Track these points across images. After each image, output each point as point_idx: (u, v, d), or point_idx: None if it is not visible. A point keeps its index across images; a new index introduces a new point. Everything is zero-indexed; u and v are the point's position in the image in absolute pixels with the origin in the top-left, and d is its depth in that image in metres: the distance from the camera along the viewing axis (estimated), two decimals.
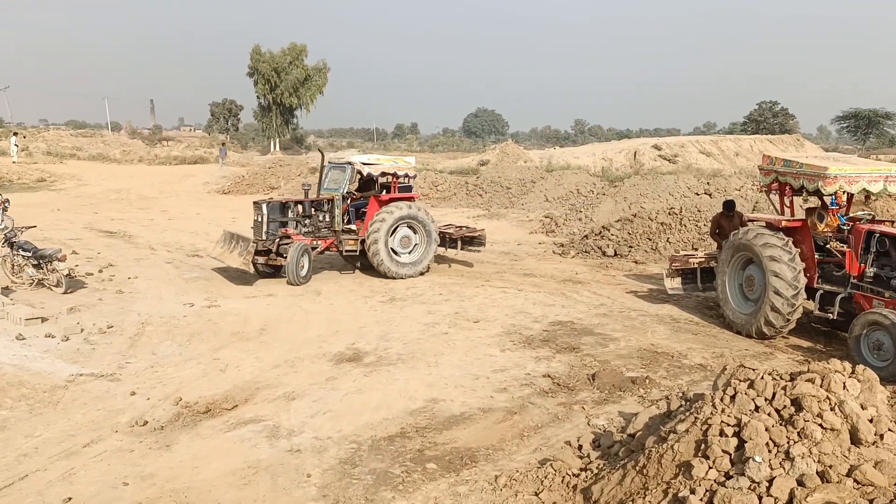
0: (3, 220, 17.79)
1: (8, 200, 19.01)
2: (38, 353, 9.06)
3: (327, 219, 14.41)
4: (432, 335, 10.20)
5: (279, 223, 13.87)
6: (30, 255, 12.44)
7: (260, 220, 13.70)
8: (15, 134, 43.06)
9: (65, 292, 12.09)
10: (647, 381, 8.19)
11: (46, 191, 30.76)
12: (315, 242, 14.01)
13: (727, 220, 12.33)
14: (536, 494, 5.51)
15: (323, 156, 14.79)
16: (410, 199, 14.67)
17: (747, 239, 10.23)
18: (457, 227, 16.28)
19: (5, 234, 13.28)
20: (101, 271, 14.04)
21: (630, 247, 16.42)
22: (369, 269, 14.44)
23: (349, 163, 14.43)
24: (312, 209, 14.40)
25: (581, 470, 5.69)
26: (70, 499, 5.55)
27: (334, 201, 14.26)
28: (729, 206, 12.69)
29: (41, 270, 12.39)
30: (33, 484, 5.80)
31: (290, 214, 14.12)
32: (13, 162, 37.44)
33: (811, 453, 4.49)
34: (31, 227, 14.37)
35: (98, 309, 11.23)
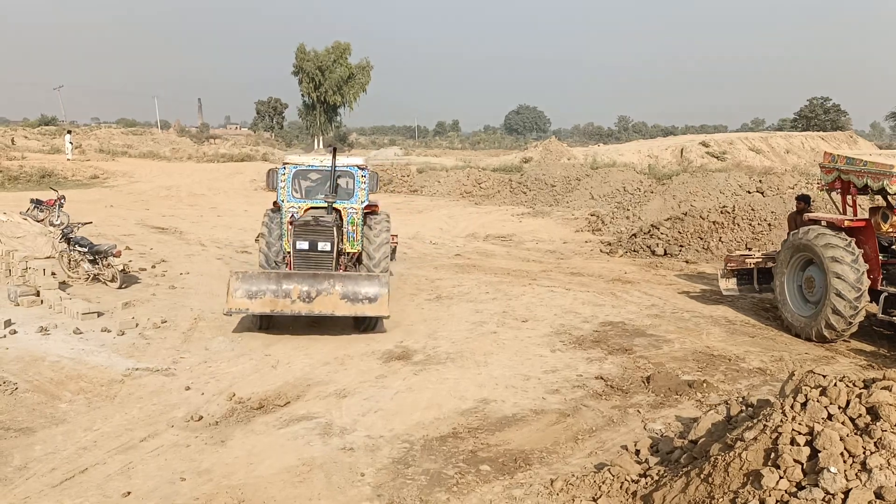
0: (59, 217, 18.29)
1: (64, 197, 19.54)
2: (94, 347, 9.24)
3: None
4: (481, 334, 10.12)
5: None
6: (86, 250, 12.71)
7: (330, 248, 10.22)
8: (69, 132, 44.26)
9: (119, 287, 12.34)
10: (705, 384, 7.97)
11: (100, 187, 31.50)
12: None
13: (802, 217, 11.33)
14: (594, 500, 5.39)
15: (335, 155, 10.78)
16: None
17: (808, 239, 9.90)
18: None
19: (62, 230, 13.61)
20: (154, 267, 14.29)
21: (681, 246, 16.10)
22: None
23: (359, 166, 11.23)
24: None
25: (640, 476, 5.55)
26: (129, 493, 5.61)
27: (342, 216, 10.99)
28: (806, 199, 11.80)
29: (97, 266, 12.65)
30: (93, 477, 5.88)
31: (337, 235, 10.61)
32: (68, 159, 38.46)
33: (889, 465, 4.28)
34: (86, 224, 14.70)
35: (152, 304, 11.43)
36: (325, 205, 10.67)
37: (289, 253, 10.61)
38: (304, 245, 10.21)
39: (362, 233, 11.10)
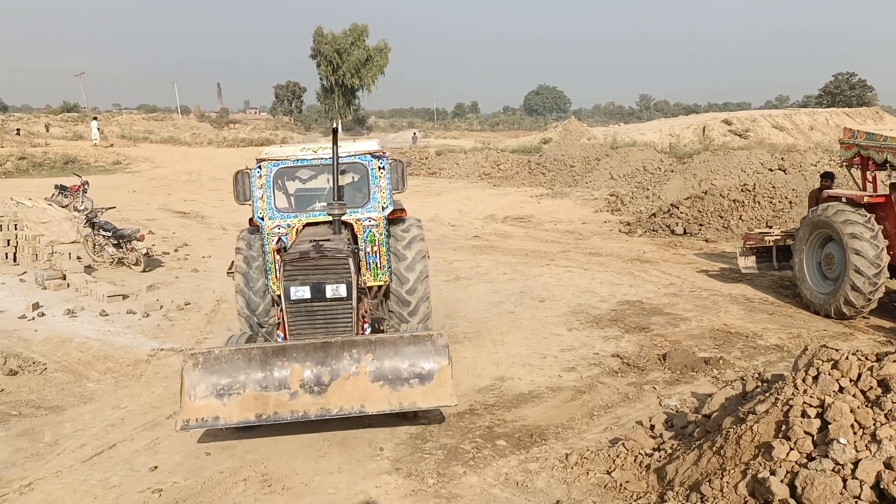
0: (83, 202, 18.61)
1: (87, 182, 19.87)
2: (120, 328, 9.47)
3: None
4: (498, 314, 10.20)
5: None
6: (110, 234, 12.98)
7: (346, 293, 6.47)
8: (95, 118, 44.83)
9: (143, 270, 12.59)
10: (721, 361, 8.00)
11: (122, 173, 31.93)
12: None
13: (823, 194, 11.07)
14: (608, 473, 5.48)
15: (336, 139, 7.10)
16: None
17: (827, 216, 9.83)
18: None
19: (87, 215, 13.87)
20: (176, 250, 14.54)
21: (700, 225, 16.02)
22: None
23: (372, 153, 7.57)
24: None
25: (654, 450, 5.62)
26: (156, 467, 5.80)
27: (355, 234, 7.41)
28: (830, 177, 11.55)
29: (121, 249, 12.91)
30: (121, 453, 6.08)
31: (355, 269, 6.70)
32: (94, 144, 38.99)
33: None
34: (110, 209, 14.97)
35: (175, 286, 11.65)
36: (329, 218, 7.05)
37: (279, 297, 6.71)
38: (301, 292, 6.38)
39: (388, 255, 7.57)
